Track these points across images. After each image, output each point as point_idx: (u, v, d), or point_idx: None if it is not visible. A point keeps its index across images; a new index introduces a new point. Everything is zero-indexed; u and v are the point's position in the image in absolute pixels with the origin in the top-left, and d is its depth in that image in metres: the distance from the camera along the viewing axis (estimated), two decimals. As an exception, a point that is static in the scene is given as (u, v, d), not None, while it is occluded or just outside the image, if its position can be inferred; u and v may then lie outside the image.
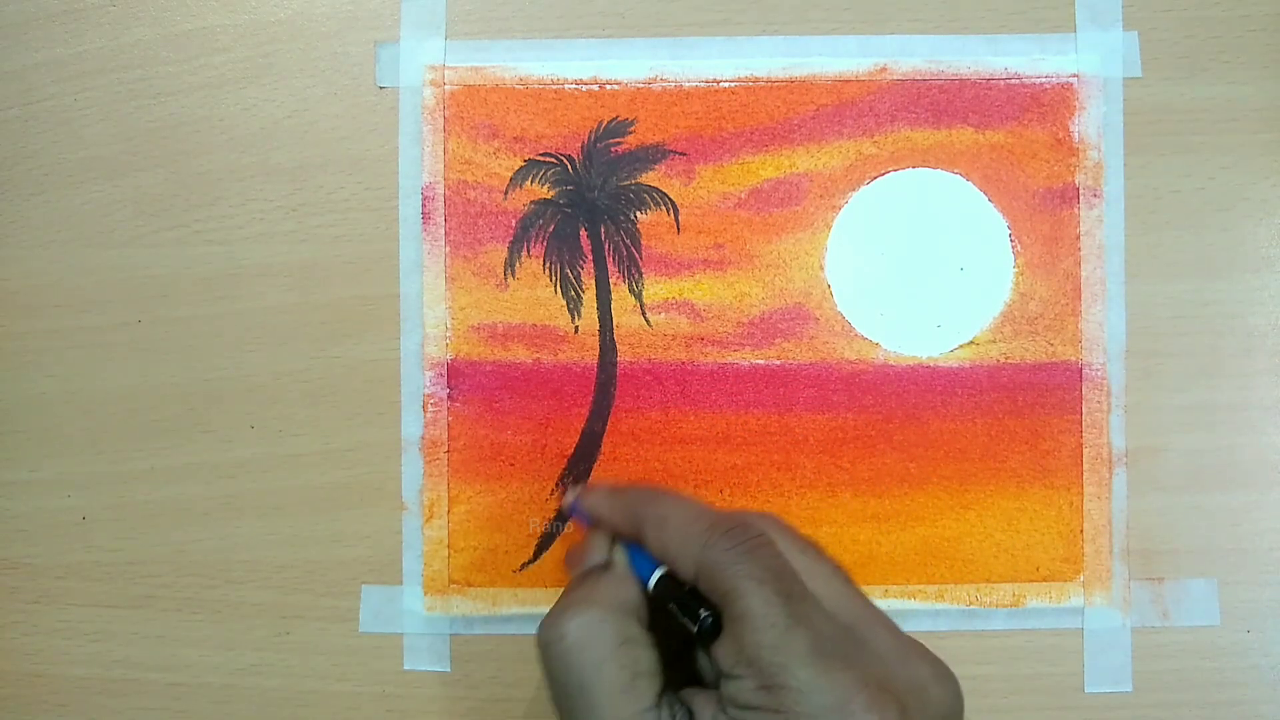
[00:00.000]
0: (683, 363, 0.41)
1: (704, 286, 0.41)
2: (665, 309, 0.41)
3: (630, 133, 0.41)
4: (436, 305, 0.41)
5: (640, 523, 0.31)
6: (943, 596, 0.40)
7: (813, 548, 0.31)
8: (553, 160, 0.41)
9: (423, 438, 0.41)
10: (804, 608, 0.28)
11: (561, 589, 0.40)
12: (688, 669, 0.31)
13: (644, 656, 0.29)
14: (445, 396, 0.41)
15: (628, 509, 0.32)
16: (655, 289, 0.41)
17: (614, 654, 0.29)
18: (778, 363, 0.41)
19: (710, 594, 0.29)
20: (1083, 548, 0.41)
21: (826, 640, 0.27)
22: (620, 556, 0.32)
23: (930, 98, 0.41)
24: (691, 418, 0.41)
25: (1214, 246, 0.41)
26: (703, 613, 0.29)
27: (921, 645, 0.29)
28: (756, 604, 0.27)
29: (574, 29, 0.42)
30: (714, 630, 0.29)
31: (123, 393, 0.42)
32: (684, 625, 0.29)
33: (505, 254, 0.41)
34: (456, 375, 0.41)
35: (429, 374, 0.41)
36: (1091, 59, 0.41)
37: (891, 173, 0.41)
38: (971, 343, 0.41)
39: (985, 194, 0.41)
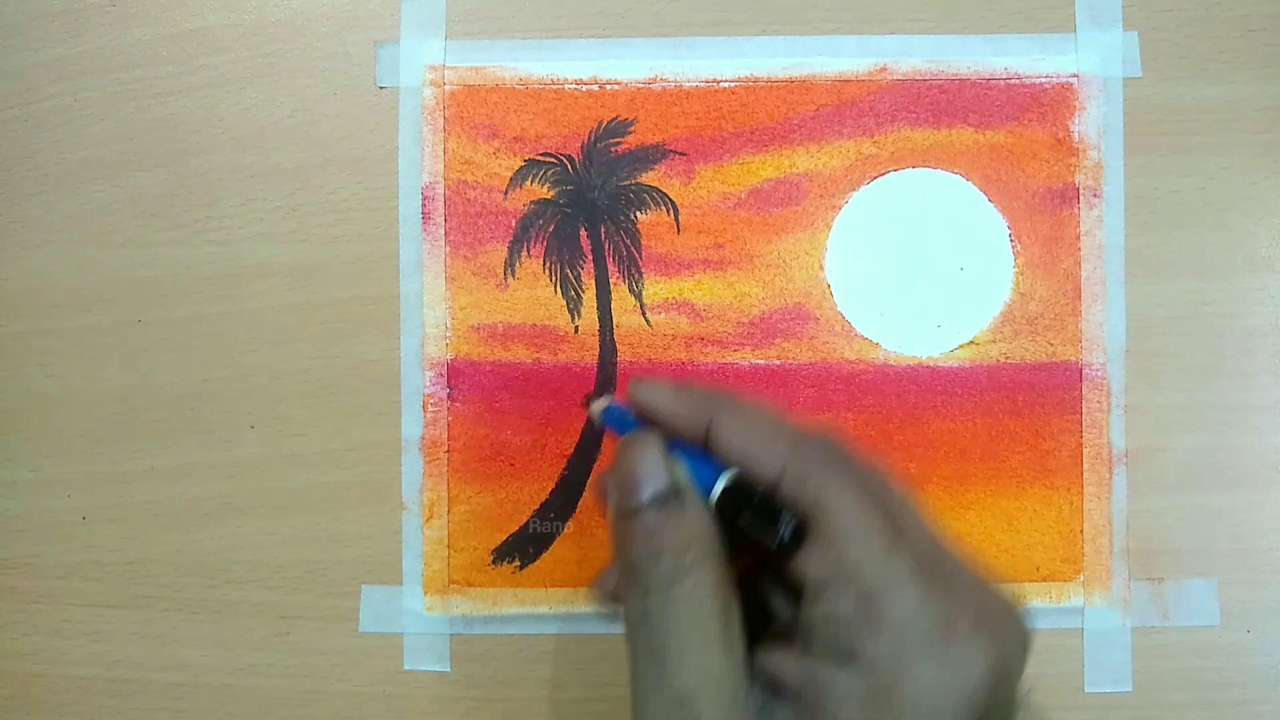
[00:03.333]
0: (683, 363, 0.41)
1: (704, 286, 0.41)
2: (665, 309, 0.41)
3: (630, 133, 0.41)
4: (436, 305, 0.41)
5: (714, 420, 0.28)
6: (943, 596, 0.40)
7: (883, 473, 0.28)
8: (553, 160, 0.41)
9: (423, 438, 0.41)
10: (905, 526, 0.26)
11: (560, 590, 0.41)
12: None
13: (735, 603, 0.27)
14: (445, 396, 0.41)
15: (696, 405, 0.28)
16: (655, 289, 0.41)
17: (713, 604, 0.26)
18: (778, 363, 0.41)
19: (796, 501, 0.26)
20: (1083, 548, 0.40)
21: (928, 562, 0.26)
22: (682, 476, 0.28)
23: (930, 98, 0.41)
24: (691, 418, 0.41)
25: (1214, 246, 0.41)
26: (786, 515, 0.26)
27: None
28: (858, 517, 0.25)
29: (574, 29, 0.42)
30: (796, 540, 0.26)
31: (123, 393, 0.42)
32: (760, 538, 0.26)
33: (505, 254, 0.41)
34: (456, 375, 0.41)
35: (429, 374, 0.41)
36: (1091, 59, 0.41)
37: (891, 173, 0.41)
38: (971, 343, 0.41)
39: (985, 194, 0.41)
